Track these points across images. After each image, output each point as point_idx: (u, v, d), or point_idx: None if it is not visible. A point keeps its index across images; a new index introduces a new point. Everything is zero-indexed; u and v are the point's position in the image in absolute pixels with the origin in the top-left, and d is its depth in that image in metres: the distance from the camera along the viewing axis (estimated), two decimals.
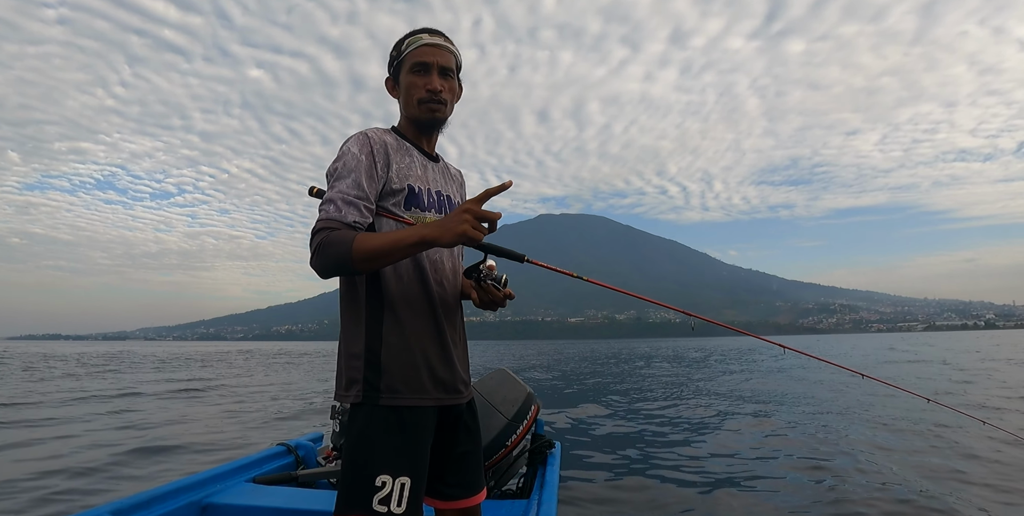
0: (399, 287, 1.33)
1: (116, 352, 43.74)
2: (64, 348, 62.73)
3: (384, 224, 1.35)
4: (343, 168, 1.31)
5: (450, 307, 1.42)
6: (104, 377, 16.19)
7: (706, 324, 1.60)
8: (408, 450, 1.26)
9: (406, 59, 1.41)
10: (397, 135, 1.44)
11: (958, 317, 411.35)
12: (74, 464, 4.75)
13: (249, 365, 24.07)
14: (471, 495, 1.44)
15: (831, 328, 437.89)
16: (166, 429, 6.81)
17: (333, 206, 1.27)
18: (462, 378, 1.43)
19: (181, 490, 2.13)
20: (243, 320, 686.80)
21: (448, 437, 1.42)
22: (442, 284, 1.40)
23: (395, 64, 1.45)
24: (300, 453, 2.88)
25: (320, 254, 1.21)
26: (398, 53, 1.43)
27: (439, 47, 1.41)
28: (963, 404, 7.94)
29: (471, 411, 1.47)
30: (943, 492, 3.79)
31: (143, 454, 5.22)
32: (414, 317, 1.34)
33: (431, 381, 1.33)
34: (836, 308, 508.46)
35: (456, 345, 1.43)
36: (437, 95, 1.39)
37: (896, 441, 5.54)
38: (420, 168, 1.43)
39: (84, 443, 5.75)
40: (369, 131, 1.39)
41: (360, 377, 1.29)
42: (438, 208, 1.44)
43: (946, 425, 6.25)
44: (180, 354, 40.23)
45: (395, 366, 1.30)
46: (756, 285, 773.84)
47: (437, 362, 1.36)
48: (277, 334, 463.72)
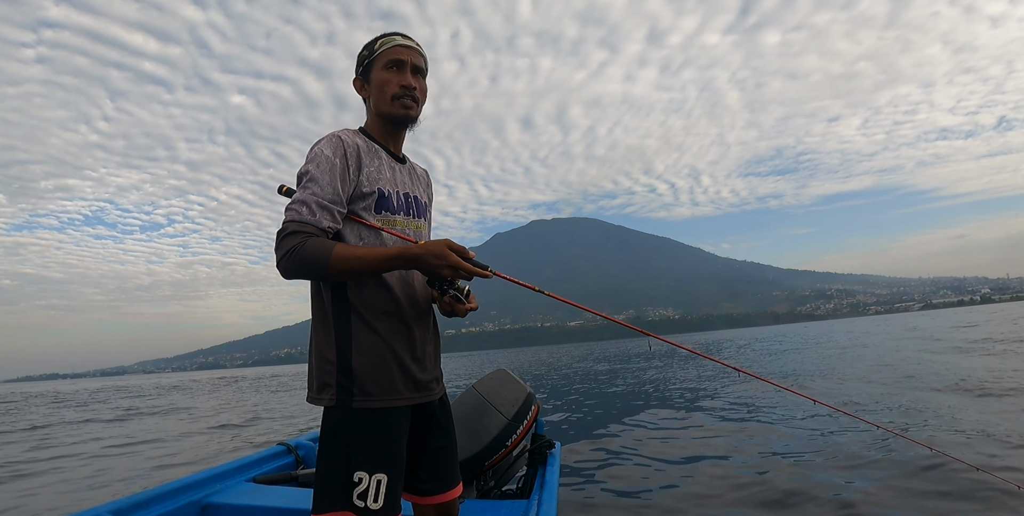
0: (365, 290, 1.33)
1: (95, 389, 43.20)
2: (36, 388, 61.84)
3: (354, 228, 1.35)
4: (316, 170, 1.30)
5: (419, 306, 1.41)
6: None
7: (702, 320, 1.62)
8: (383, 448, 1.27)
9: (379, 57, 1.41)
10: (366, 136, 1.44)
11: (954, 294, 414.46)
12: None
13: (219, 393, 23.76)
14: (447, 490, 1.45)
15: (829, 313, 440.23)
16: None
17: (307, 208, 1.26)
18: (434, 375, 1.44)
19: (181, 490, 2.13)
20: (242, 347, 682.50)
21: (422, 434, 1.43)
22: (411, 284, 1.40)
23: (366, 63, 1.44)
24: (300, 453, 2.88)
25: (292, 258, 1.21)
26: (370, 52, 1.43)
27: (412, 48, 1.43)
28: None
29: (444, 407, 1.49)
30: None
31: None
32: (382, 318, 1.34)
33: (403, 381, 1.34)
34: (833, 293, 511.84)
35: (427, 343, 1.43)
36: (411, 91, 1.40)
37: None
38: (389, 170, 1.43)
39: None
40: (341, 133, 1.37)
41: (333, 381, 1.30)
42: (406, 211, 1.44)
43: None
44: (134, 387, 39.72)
45: (367, 369, 1.30)
46: (752, 276, 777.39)
47: (408, 362, 1.36)
48: (276, 358, 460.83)
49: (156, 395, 24.47)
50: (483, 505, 2.23)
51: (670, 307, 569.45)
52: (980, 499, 3.27)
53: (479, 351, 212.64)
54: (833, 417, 6.11)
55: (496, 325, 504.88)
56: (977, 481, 3.46)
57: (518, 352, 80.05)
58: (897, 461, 4.17)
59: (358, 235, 1.35)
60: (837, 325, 79.85)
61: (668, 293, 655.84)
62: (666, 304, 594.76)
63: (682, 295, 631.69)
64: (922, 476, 3.77)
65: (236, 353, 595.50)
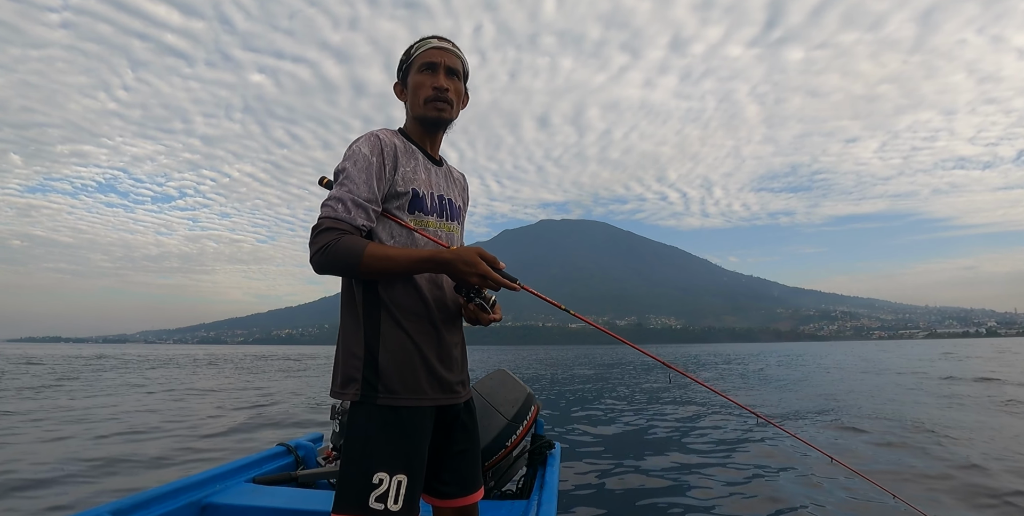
0: (396, 289, 1.34)
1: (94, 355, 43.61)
2: (51, 351, 62.57)
3: (387, 226, 1.37)
4: (353, 168, 1.32)
5: (448, 309, 1.42)
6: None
7: (704, 332, 1.61)
8: (405, 449, 1.27)
9: (415, 61, 1.45)
10: (405, 138, 1.46)
11: (959, 325, 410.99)
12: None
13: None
14: (468, 494, 1.45)
15: (832, 335, 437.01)
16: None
17: (343, 205, 1.28)
18: (460, 378, 1.45)
19: (181, 490, 2.13)
20: (243, 324, 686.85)
21: (446, 436, 1.43)
22: (440, 287, 1.41)
23: (404, 67, 1.48)
24: (300, 453, 2.88)
25: (326, 255, 1.23)
26: (407, 57, 1.47)
27: (446, 50, 1.45)
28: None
29: (469, 411, 1.49)
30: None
31: None
32: (411, 318, 1.35)
33: (428, 381, 1.35)
34: (837, 315, 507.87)
35: (455, 346, 1.44)
36: (443, 93, 1.42)
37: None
38: (424, 172, 1.44)
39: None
40: (380, 132, 1.40)
41: (359, 376, 1.31)
42: (439, 212, 1.46)
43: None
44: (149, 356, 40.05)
45: (393, 367, 1.31)
46: (757, 291, 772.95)
47: (435, 362, 1.37)
48: (277, 338, 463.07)
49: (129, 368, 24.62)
50: (483, 505, 2.22)
51: (673, 316, 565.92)
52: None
53: (478, 346, 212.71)
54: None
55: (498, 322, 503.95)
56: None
57: (518, 351, 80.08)
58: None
59: (390, 233, 1.37)
60: (841, 347, 79.23)
61: (672, 302, 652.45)
62: (669, 313, 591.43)
63: (686, 305, 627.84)
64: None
65: (238, 330, 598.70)
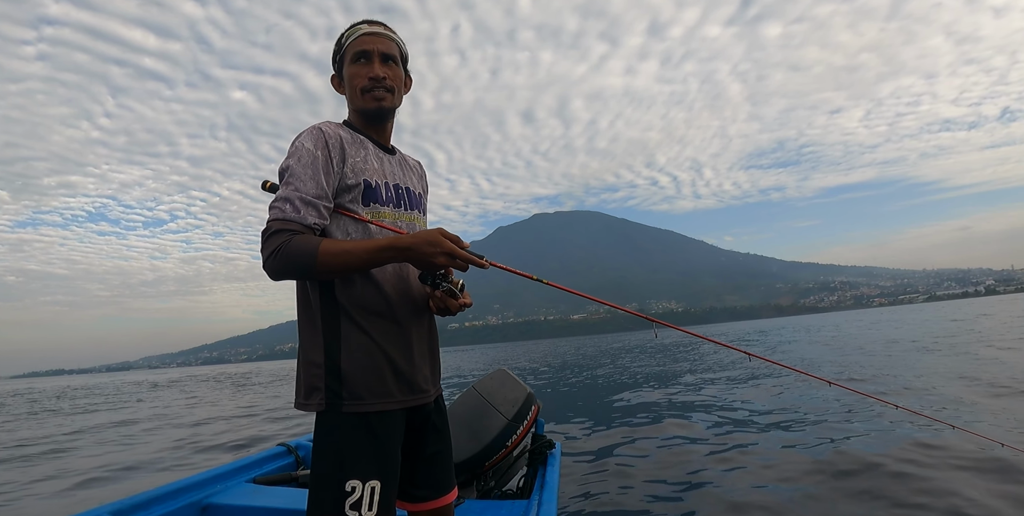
0: (354, 288, 1.27)
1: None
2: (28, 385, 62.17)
3: (340, 222, 1.30)
4: (298, 165, 1.24)
5: (414, 302, 1.35)
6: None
7: (706, 313, 1.63)
8: (377, 454, 1.23)
9: (347, 51, 1.37)
10: (351, 129, 1.39)
11: (958, 286, 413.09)
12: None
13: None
14: (441, 495, 1.41)
15: (833, 306, 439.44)
16: None
17: (290, 205, 1.21)
18: (428, 376, 1.38)
19: (181, 490, 2.12)
20: (246, 341, 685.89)
21: (417, 438, 1.38)
22: (406, 280, 1.34)
23: (338, 59, 1.40)
24: (300, 453, 2.87)
25: (279, 258, 1.16)
26: (339, 47, 1.39)
27: (378, 35, 1.36)
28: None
29: (439, 410, 1.44)
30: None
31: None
32: (373, 318, 1.28)
33: (396, 383, 1.28)
34: (836, 286, 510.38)
35: (422, 342, 1.37)
36: (380, 82, 1.34)
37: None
38: (376, 161, 1.37)
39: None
40: (322, 125, 1.32)
41: (321, 385, 1.24)
42: (396, 202, 1.38)
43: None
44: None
45: (357, 371, 1.24)
46: (755, 269, 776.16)
47: (401, 362, 1.30)
48: (281, 353, 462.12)
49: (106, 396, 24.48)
50: (483, 505, 2.23)
51: (673, 300, 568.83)
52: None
53: (481, 345, 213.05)
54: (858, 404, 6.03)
55: (499, 318, 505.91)
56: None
57: (520, 346, 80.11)
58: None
59: (344, 230, 1.28)
60: (849, 316, 79.63)
61: (671, 286, 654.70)
62: (669, 297, 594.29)
63: (685, 288, 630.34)
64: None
65: (240, 348, 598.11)
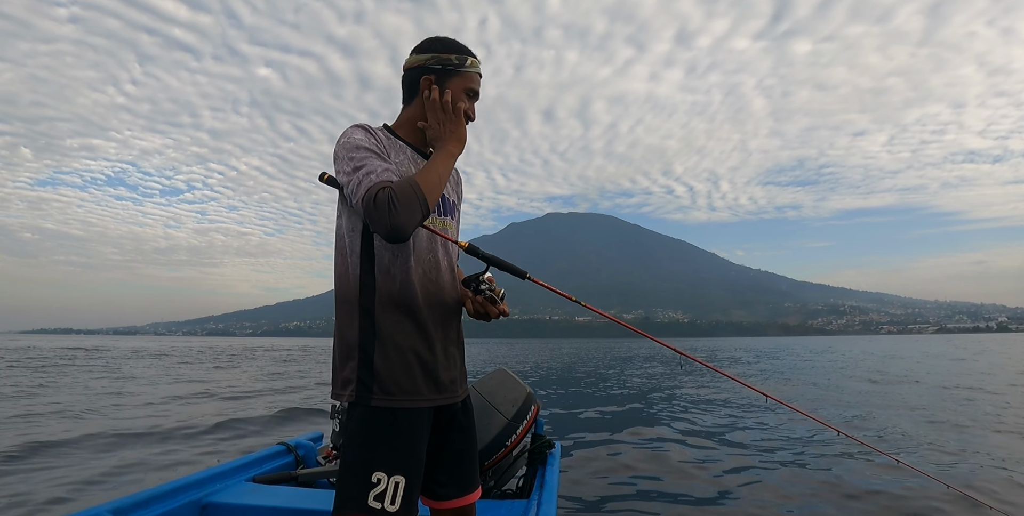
0: (392, 287, 1.32)
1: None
2: (53, 343, 63.19)
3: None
4: (358, 154, 1.28)
5: (446, 306, 1.40)
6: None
7: (712, 326, 1.60)
8: (403, 450, 1.27)
9: (463, 76, 1.41)
10: (389, 133, 1.42)
11: (970, 319, 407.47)
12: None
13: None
14: (466, 494, 1.44)
15: (840, 329, 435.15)
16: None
17: (375, 175, 1.24)
18: (456, 377, 1.43)
19: (181, 489, 2.12)
20: (252, 316, 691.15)
21: (443, 437, 1.41)
22: (437, 283, 1.38)
23: (442, 71, 1.40)
24: (300, 452, 2.88)
25: (398, 207, 1.17)
26: (459, 64, 1.40)
27: (480, 76, 1.46)
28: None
29: (466, 410, 1.47)
30: None
31: None
32: (407, 317, 1.32)
33: (425, 382, 1.33)
34: (846, 309, 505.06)
35: (451, 344, 1.42)
36: (471, 120, 1.45)
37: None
38: (414, 166, 1.40)
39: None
40: (364, 125, 1.37)
41: (354, 377, 1.29)
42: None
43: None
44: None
45: (388, 367, 1.29)
46: (764, 285, 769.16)
47: (431, 362, 1.34)
48: (286, 330, 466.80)
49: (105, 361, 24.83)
50: (483, 505, 2.23)
51: (680, 310, 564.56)
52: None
53: (482, 339, 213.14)
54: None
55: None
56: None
57: (522, 344, 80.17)
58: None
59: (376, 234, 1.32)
60: (853, 342, 78.75)
61: (679, 296, 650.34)
62: (676, 307, 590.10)
63: (693, 299, 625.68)
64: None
65: (246, 322, 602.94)
